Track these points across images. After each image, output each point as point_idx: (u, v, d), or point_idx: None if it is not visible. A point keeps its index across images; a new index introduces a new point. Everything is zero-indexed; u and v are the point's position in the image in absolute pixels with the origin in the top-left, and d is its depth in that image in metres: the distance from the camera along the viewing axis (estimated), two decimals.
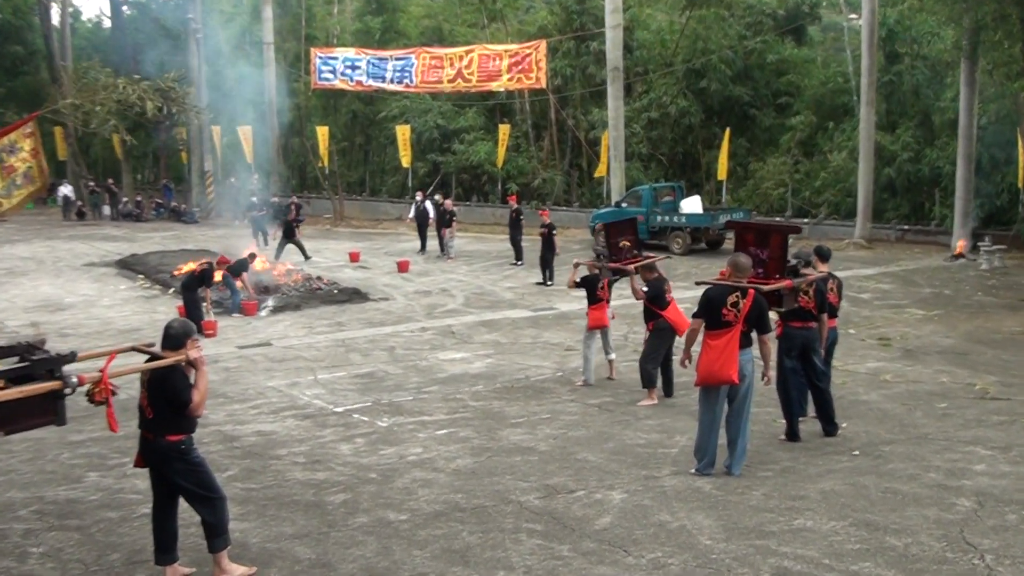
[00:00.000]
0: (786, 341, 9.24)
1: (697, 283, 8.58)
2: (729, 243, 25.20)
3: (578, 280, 11.99)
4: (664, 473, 8.32)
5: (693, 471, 8.21)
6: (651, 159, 34.53)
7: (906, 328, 15.54)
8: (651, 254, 12.02)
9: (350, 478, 8.46)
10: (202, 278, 16.56)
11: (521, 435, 9.70)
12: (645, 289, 10.90)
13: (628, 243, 11.66)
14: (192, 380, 6.23)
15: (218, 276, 17.85)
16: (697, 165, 34.72)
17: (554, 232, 21.18)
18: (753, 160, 32.81)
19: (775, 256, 8.72)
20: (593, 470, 8.45)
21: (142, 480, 7.98)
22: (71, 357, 6.26)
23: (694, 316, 8.21)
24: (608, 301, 12.04)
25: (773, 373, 8.69)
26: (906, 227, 27.81)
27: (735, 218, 24.93)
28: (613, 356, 12.30)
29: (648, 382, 10.93)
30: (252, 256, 19.38)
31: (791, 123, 31.83)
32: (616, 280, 12.05)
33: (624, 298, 17.60)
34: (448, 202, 26.33)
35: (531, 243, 25.85)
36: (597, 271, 11.76)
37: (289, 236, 24.52)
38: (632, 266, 11.18)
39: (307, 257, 24.20)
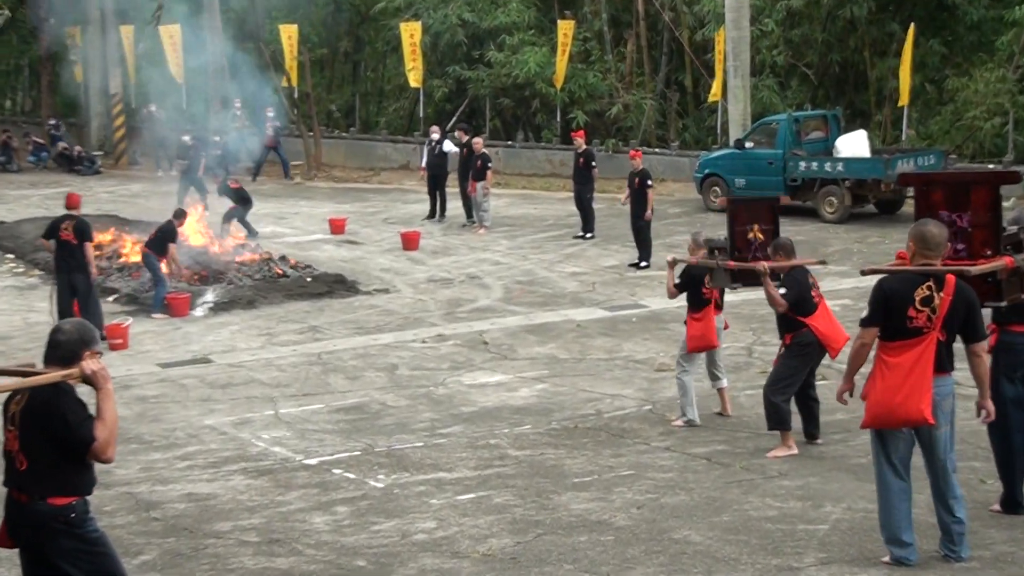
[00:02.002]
0: (1004, 356, 9.07)
1: (864, 272, 8.46)
2: (912, 206, 24.82)
3: (678, 282, 12.03)
4: (807, 562, 8.26)
5: (887, 560, 8.17)
6: (792, 73, 34.20)
7: None
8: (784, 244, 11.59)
9: (327, 567, 8.50)
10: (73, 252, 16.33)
11: (588, 502, 9.68)
12: (784, 292, 10.87)
13: (762, 236, 11.56)
14: (92, 408, 6.21)
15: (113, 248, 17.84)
16: (863, 82, 34.30)
17: (649, 184, 21.17)
18: (953, 75, 32.30)
19: (982, 222, 8.51)
20: (698, 556, 8.41)
21: (8, 567, 8.04)
22: None
23: (864, 322, 8.09)
24: (720, 306, 12.02)
25: (993, 405, 8.52)
26: None
27: (920, 166, 24.58)
28: (725, 382, 12.29)
29: (778, 421, 10.88)
30: (180, 215, 19.24)
31: (1013, 16, 31.32)
32: (736, 289, 12.04)
33: (746, 290, 17.48)
34: (479, 142, 26.22)
35: (607, 204, 25.80)
36: (709, 271, 11.74)
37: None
38: (763, 265, 11.00)
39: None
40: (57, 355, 6.23)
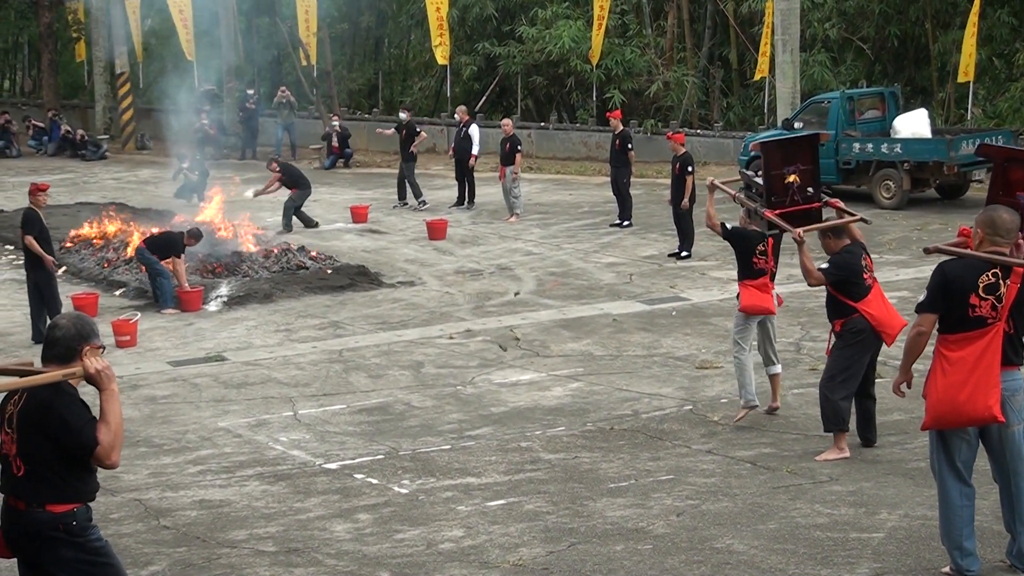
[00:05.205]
0: None
1: (927, 251, 8.25)
2: (977, 190, 24.75)
3: (728, 227, 11.84)
4: (860, 573, 8.21)
5: (947, 570, 8.12)
6: (846, 47, 34.04)
7: None
8: (836, 202, 11.55)
9: None
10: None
11: (625, 509, 9.69)
12: (824, 267, 10.75)
13: (798, 179, 11.32)
14: (95, 410, 6.18)
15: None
16: (924, 57, 34.08)
17: (690, 170, 21.14)
18: (1023, 48, 32.09)
19: None
20: (742, 567, 8.39)
21: None
22: None
23: (921, 309, 7.99)
24: (774, 272, 11.88)
25: None
26: None
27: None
28: (779, 368, 12.20)
29: (835, 422, 10.76)
30: (193, 235, 18.90)
31: None
32: (777, 234, 11.78)
33: (797, 278, 17.45)
34: (508, 124, 26.45)
35: (645, 188, 25.69)
36: (750, 219, 11.63)
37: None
38: (799, 231, 10.85)
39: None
40: (54, 353, 6.17)
